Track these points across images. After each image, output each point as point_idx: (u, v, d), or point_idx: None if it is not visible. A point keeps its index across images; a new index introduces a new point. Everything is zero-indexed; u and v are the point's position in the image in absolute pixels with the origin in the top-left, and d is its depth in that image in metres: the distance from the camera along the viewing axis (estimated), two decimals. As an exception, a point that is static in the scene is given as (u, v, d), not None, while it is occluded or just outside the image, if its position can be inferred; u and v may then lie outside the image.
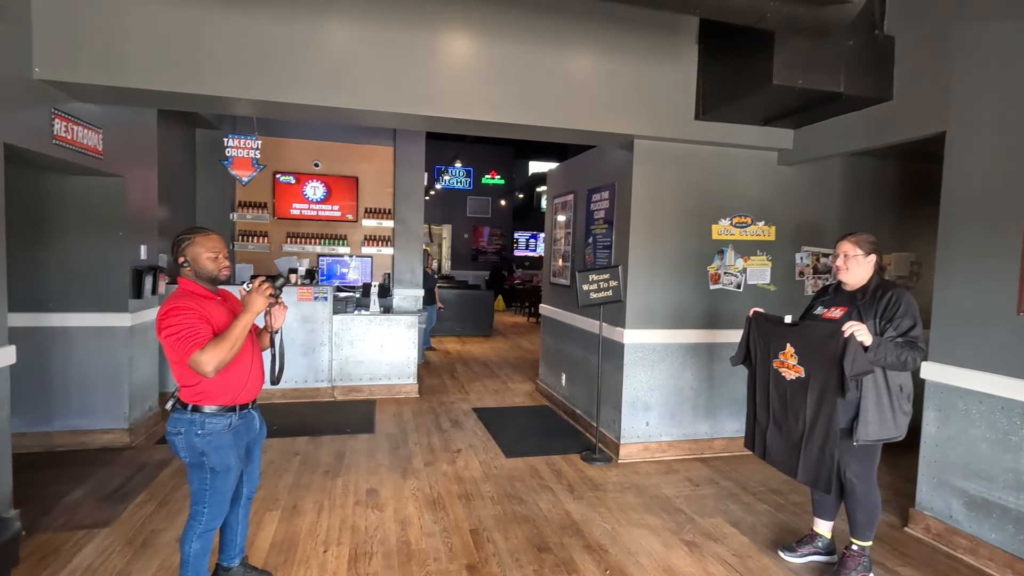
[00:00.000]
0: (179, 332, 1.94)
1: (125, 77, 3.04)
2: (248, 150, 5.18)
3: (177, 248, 2.10)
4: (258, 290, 2.05)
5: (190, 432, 2.05)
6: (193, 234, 2.12)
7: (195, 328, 1.95)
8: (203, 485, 2.10)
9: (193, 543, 2.12)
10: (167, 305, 2.00)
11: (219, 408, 2.09)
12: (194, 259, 2.08)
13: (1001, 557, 2.71)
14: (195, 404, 2.06)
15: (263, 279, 2.08)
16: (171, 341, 1.94)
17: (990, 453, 2.78)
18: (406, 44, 3.37)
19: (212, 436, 2.07)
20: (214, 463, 2.08)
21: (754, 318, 2.82)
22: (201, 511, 2.12)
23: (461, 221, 16.03)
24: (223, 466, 2.10)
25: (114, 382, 3.99)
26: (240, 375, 2.13)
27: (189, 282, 2.11)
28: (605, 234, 4.46)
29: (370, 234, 7.26)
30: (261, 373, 2.26)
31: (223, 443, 2.09)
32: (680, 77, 3.84)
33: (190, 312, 1.98)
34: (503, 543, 2.88)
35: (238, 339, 1.96)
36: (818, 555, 2.78)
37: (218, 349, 1.92)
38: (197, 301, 2.03)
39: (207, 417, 2.07)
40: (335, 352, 5.49)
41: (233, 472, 2.15)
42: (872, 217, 4.42)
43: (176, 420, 2.07)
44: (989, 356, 2.78)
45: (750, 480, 3.81)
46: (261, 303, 2.05)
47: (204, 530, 2.13)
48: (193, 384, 2.05)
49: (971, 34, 2.88)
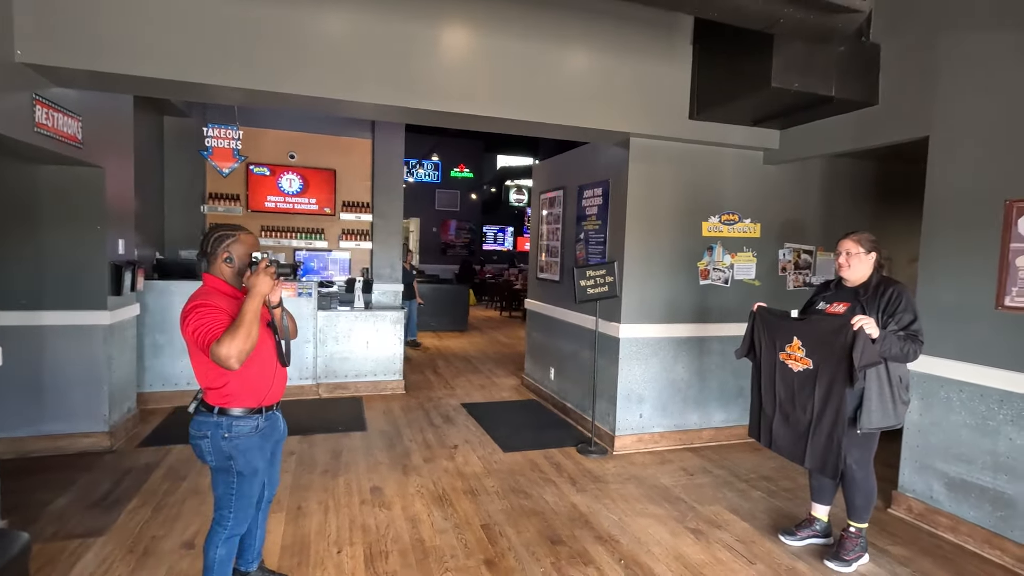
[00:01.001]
0: (201, 327, 1.87)
1: (111, 62, 2.88)
2: (229, 140, 4.99)
3: (219, 244, 2.02)
4: (264, 271, 1.95)
5: (216, 435, 1.99)
6: (237, 231, 2.06)
7: (216, 322, 1.88)
8: (229, 489, 2.05)
9: (219, 549, 2.06)
10: (194, 301, 1.93)
11: (246, 410, 2.03)
12: (240, 257, 2.02)
13: (979, 534, 2.92)
14: (221, 407, 2.00)
15: (268, 260, 2.00)
16: (195, 336, 1.88)
17: (969, 438, 2.99)
18: (404, 36, 3.31)
19: (240, 439, 2.01)
20: (241, 466, 2.03)
21: (758, 312, 2.93)
22: (227, 516, 2.06)
23: (429, 215, 15.88)
24: (250, 469, 2.05)
25: (93, 383, 3.79)
26: (266, 376, 2.07)
27: (218, 280, 2.03)
28: (598, 230, 4.52)
29: (348, 228, 7.10)
30: (285, 373, 2.20)
31: (251, 446, 2.04)
32: (675, 76, 3.92)
33: (219, 312, 1.91)
34: (516, 537, 2.91)
35: (252, 325, 1.87)
36: (816, 538, 2.93)
37: (234, 338, 1.82)
38: (226, 301, 1.97)
39: (234, 420, 2.01)
40: (320, 349, 5.38)
41: (260, 475, 2.11)
42: (850, 214, 4.64)
43: (201, 423, 2.00)
44: (970, 347, 2.97)
45: (740, 468, 3.96)
46: (267, 284, 1.94)
47: (229, 535, 2.07)
48: (220, 386, 1.98)
49: (954, 44, 3.06)
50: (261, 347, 2.00)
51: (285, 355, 2.16)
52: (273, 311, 2.11)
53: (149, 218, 5.45)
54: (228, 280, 2.03)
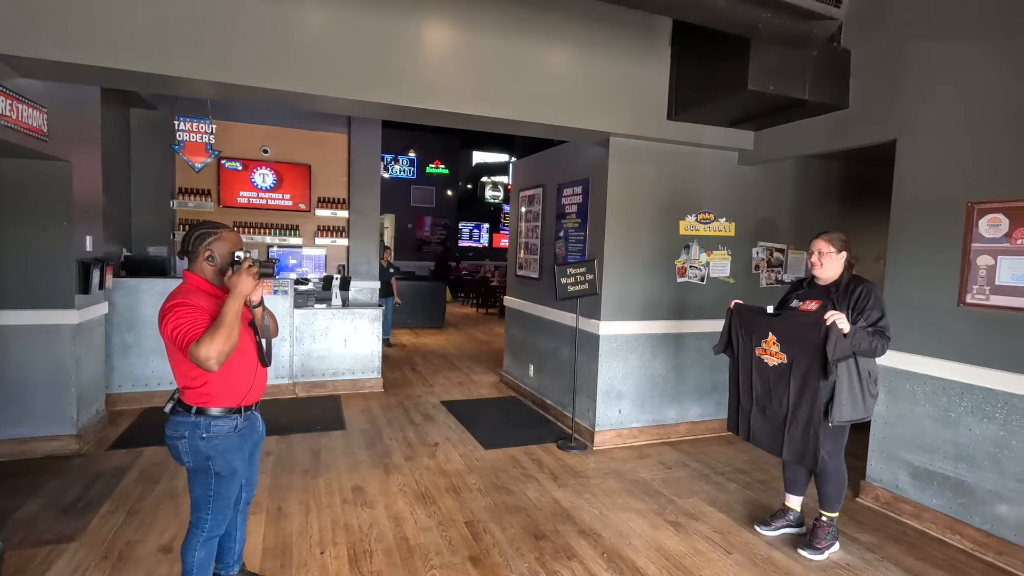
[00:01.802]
0: (181, 326, 1.82)
1: (79, 53, 2.77)
2: (202, 134, 4.86)
3: (201, 241, 1.98)
4: (247, 271, 1.91)
5: (194, 436, 1.95)
6: (220, 229, 2.02)
7: (196, 322, 1.84)
8: (207, 491, 2.01)
9: (196, 552, 2.02)
10: (173, 300, 1.88)
11: (225, 410, 1.99)
12: (222, 256, 1.98)
13: (941, 520, 3.07)
14: (199, 407, 1.96)
15: (251, 260, 1.96)
16: (173, 335, 1.83)
17: (932, 428, 3.13)
18: (384, 31, 3.28)
19: (218, 440, 1.97)
20: (220, 467, 1.99)
21: (736, 309, 3.01)
22: (204, 518, 2.02)
23: (404, 211, 15.74)
24: (229, 470, 2.01)
25: (60, 385, 3.66)
26: (246, 376, 2.04)
27: (200, 279, 1.99)
28: (578, 228, 4.56)
29: (324, 224, 7.00)
30: (266, 373, 2.17)
31: (229, 446, 2.00)
32: (655, 77, 3.98)
33: (199, 311, 1.87)
34: (500, 533, 2.93)
35: (232, 326, 1.83)
36: (790, 527, 3.03)
37: (214, 339, 1.78)
38: (206, 299, 1.93)
39: (212, 420, 1.96)
40: (296, 347, 5.30)
41: (238, 476, 2.07)
42: (819, 214, 4.79)
43: (178, 423, 1.96)
44: (933, 342, 3.11)
45: (716, 461, 4.07)
46: (249, 284, 1.90)
47: (208, 537, 2.04)
48: (198, 386, 1.94)
49: (920, 51, 3.19)
50: (241, 347, 1.96)
51: (266, 354, 2.12)
52: (254, 310, 2.08)
53: (117, 214, 5.28)
54: (209, 278, 2.00)
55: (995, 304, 2.84)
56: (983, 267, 2.89)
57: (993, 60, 2.86)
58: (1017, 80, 2.77)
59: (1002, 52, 2.83)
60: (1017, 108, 2.77)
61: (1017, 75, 2.77)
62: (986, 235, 2.88)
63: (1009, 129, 2.80)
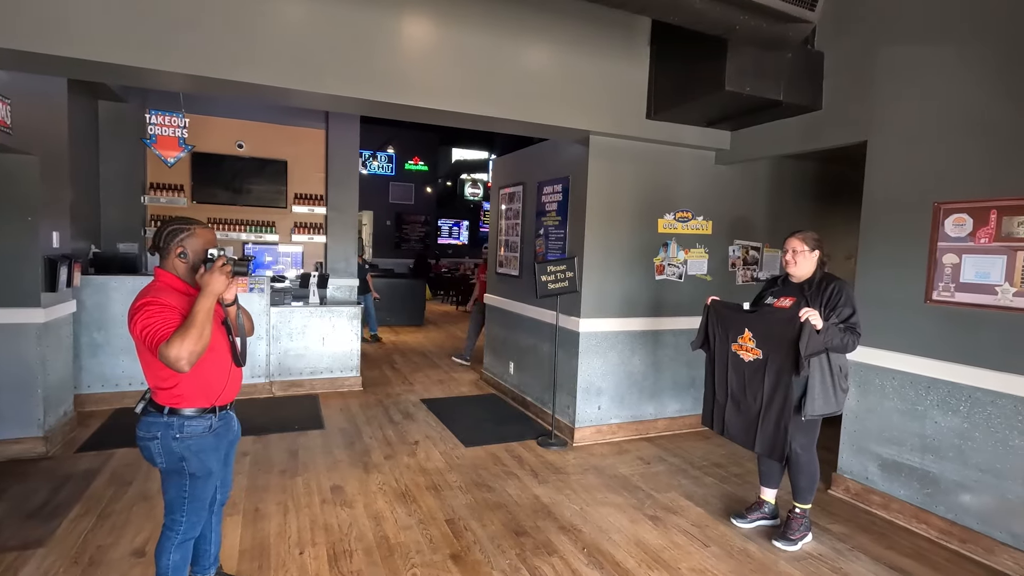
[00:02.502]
0: (150, 326, 1.77)
1: (42, 42, 2.67)
2: (174, 128, 4.74)
3: (173, 238, 1.92)
4: (220, 269, 1.85)
5: (167, 436, 1.90)
6: (193, 225, 1.96)
7: (167, 321, 1.78)
8: (181, 492, 1.96)
9: (171, 555, 1.98)
10: (143, 298, 1.82)
11: (198, 410, 1.95)
12: (195, 253, 1.93)
13: (908, 510, 3.17)
14: (172, 407, 1.91)
15: (225, 257, 1.90)
16: (143, 335, 1.77)
17: (900, 421, 3.23)
18: (363, 25, 3.23)
19: (192, 440, 1.93)
20: (194, 468, 1.95)
21: (712, 306, 3.06)
22: (178, 520, 1.98)
23: (383, 208, 15.60)
24: (204, 471, 1.97)
25: (26, 386, 3.55)
26: (220, 376, 2.00)
27: (172, 276, 1.94)
28: (558, 226, 4.58)
29: (301, 221, 6.90)
30: (241, 373, 2.13)
31: (204, 446, 1.96)
32: (634, 76, 4.01)
33: (169, 310, 1.81)
34: (481, 530, 2.93)
35: (204, 325, 1.78)
36: (765, 520, 3.10)
37: (185, 339, 1.73)
38: (177, 298, 1.88)
39: (186, 420, 1.92)
40: (273, 346, 5.22)
41: (214, 477, 2.03)
42: (793, 213, 4.89)
43: (150, 424, 1.91)
44: (901, 338, 3.21)
45: (693, 456, 4.13)
46: (221, 283, 1.85)
47: (182, 540, 1.99)
48: (170, 386, 1.89)
49: (890, 55, 3.28)
50: (214, 346, 1.92)
51: (240, 354, 2.07)
52: (227, 309, 2.03)
53: (85, 209, 5.13)
54: (181, 276, 1.94)
55: (959, 301, 2.94)
56: (948, 265, 2.99)
57: (958, 65, 2.96)
58: (980, 85, 2.87)
59: (967, 58, 2.92)
60: (981, 111, 2.87)
61: (981, 80, 2.87)
62: (951, 234, 2.98)
63: (973, 132, 2.90)
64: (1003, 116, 2.78)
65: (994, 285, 2.80)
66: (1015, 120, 2.74)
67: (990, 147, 2.83)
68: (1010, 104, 2.75)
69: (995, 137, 2.81)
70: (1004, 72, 2.78)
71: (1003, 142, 2.78)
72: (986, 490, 2.84)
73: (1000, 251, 2.78)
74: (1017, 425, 2.73)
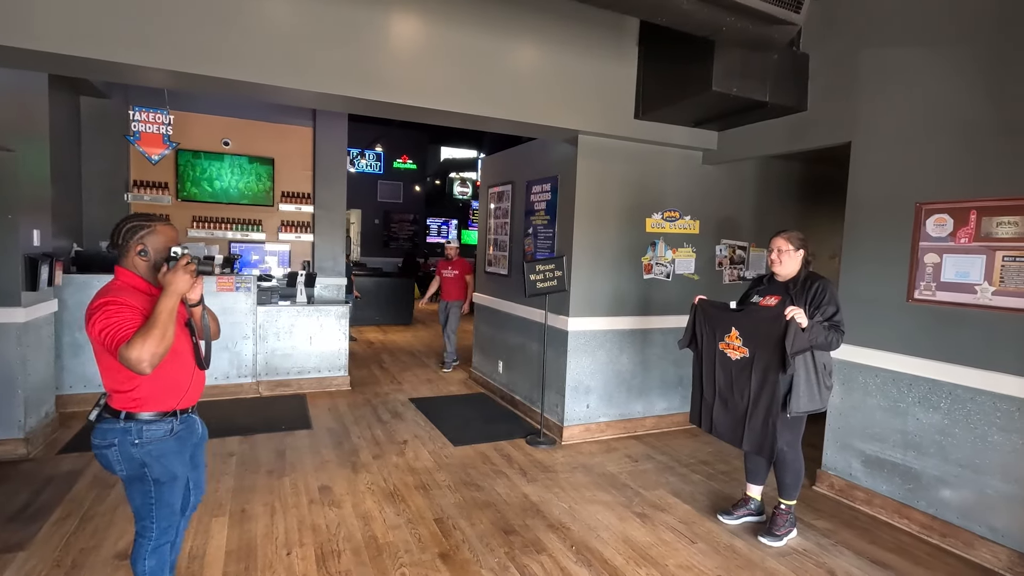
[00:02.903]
0: (110, 326, 1.68)
1: (18, 36, 2.62)
2: (159, 125, 4.68)
3: (132, 235, 1.84)
4: (183, 268, 1.78)
5: (125, 443, 1.81)
6: (153, 222, 1.88)
7: (127, 321, 1.70)
8: (147, 499, 1.88)
9: (146, 561, 1.90)
10: (102, 298, 1.74)
11: (157, 414, 1.86)
12: (157, 251, 1.85)
13: (891, 505, 3.22)
14: (129, 411, 1.82)
15: (188, 256, 1.82)
16: (102, 336, 1.68)
17: (883, 418, 3.28)
18: (351, 22, 3.22)
19: (152, 444, 1.84)
20: (158, 474, 1.86)
21: (699, 305, 3.08)
22: (148, 527, 1.90)
23: (371, 206, 15.52)
24: (168, 476, 1.89)
25: (5, 386, 3.48)
26: (182, 379, 1.91)
27: (133, 275, 1.84)
28: (546, 225, 4.59)
29: (288, 220, 6.85)
30: (204, 375, 2.04)
31: (166, 450, 1.87)
32: (622, 76, 4.03)
33: (129, 310, 1.73)
34: (470, 529, 2.93)
35: (167, 326, 1.70)
36: (751, 516, 3.14)
37: (147, 340, 1.64)
38: (138, 297, 1.78)
39: (144, 424, 1.83)
40: (260, 345, 5.17)
41: (180, 481, 1.94)
42: (779, 213, 4.95)
43: (106, 431, 1.81)
44: (884, 336, 3.26)
45: (681, 453, 4.17)
46: (185, 282, 1.77)
47: (156, 545, 1.92)
48: (128, 390, 1.80)
49: (873, 57, 3.33)
50: (177, 348, 1.85)
51: (205, 357, 2.00)
52: (192, 309, 1.96)
53: (66, 207, 5.04)
54: (142, 275, 1.85)
55: (940, 300, 2.99)
56: (930, 264, 3.04)
57: (940, 68, 3.01)
58: (962, 87, 2.92)
59: (948, 60, 2.97)
60: (961, 113, 2.92)
61: (962, 82, 2.92)
62: (933, 234, 3.03)
63: (954, 133, 2.95)
64: (983, 118, 2.83)
65: (974, 284, 2.85)
66: (994, 122, 2.79)
67: (970, 149, 2.89)
68: (990, 106, 2.81)
69: (975, 139, 2.87)
70: (985, 75, 2.83)
71: (983, 144, 2.84)
72: (966, 485, 2.90)
73: (980, 251, 2.84)
74: (996, 421, 2.78)
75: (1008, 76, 2.75)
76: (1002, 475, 2.76)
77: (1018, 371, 2.70)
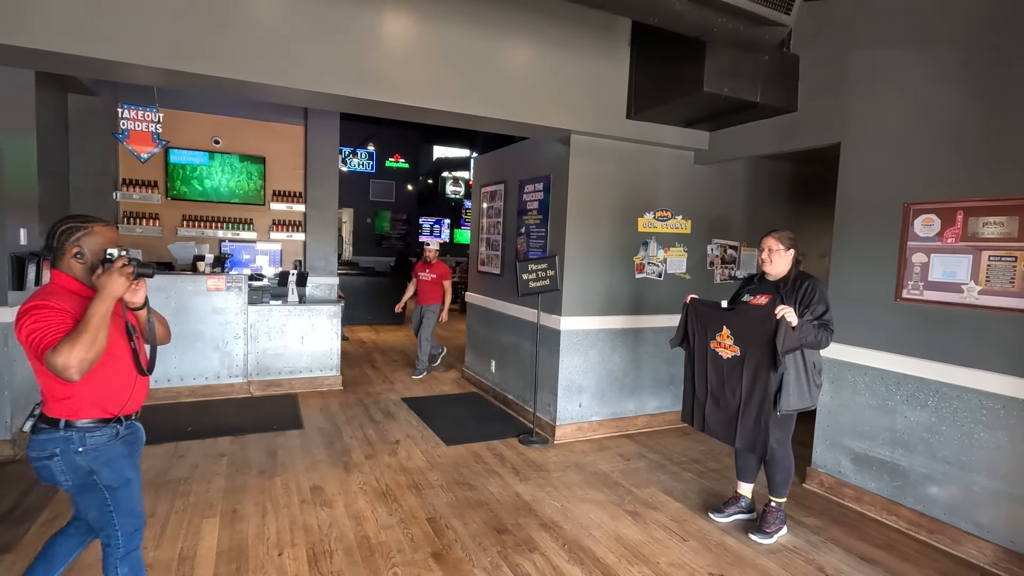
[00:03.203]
0: (37, 331, 1.61)
1: (10, 33, 2.59)
2: (148, 123, 4.64)
3: (67, 237, 1.75)
4: (119, 270, 1.68)
5: (68, 451, 1.72)
6: (90, 223, 1.79)
7: (55, 326, 1.61)
8: (104, 508, 1.79)
9: (119, 570, 1.85)
10: (33, 301, 1.65)
11: (97, 421, 1.77)
12: (94, 253, 1.76)
13: (879, 502, 3.26)
14: (68, 419, 1.72)
15: (126, 258, 1.72)
16: (29, 340, 1.61)
17: (872, 416, 3.31)
18: (343, 20, 3.21)
19: (99, 450, 1.76)
20: (109, 479, 1.78)
21: (691, 304, 3.10)
22: (113, 535, 1.82)
23: (364, 205, 15.46)
24: (120, 480, 1.81)
25: (-8, 387, 3.44)
26: (123, 386, 1.82)
27: (69, 278, 1.76)
28: (539, 224, 4.60)
29: (279, 219, 6.81)
30: (147, 382, 1.94)
31: (114, 454, 1.80)
32: (615, 76, 4.04)
33: (60, 313, 1.64)
34: (462, 528, 2.93)
35: (98, 331, 1.61)
36: (742, 514, 3.16)
37: (75, 345, 1.55)
38: (74, 301, 1.70)
39: (86, 432, 1.75)
40: (251, 345, 5.14)
41: (134, 483, 1.86)
42: (769, 213, 4.99)
43: (44, 442, 1.71)
44: (873, 335, 3.29)
45: (672, 452, 4.19)
46: (120, 286, 1.68)
47: (126, 552, 1.85)
48: (65, 396, 1.71)
49: (862, 59, 3.36)
50: (115, 353, 1.77)
51: (149, 363, 1.91)
52: (137, 313, 1.89)
53: (54, 206, 4.96)
54: (79, 278, 1.76)
55: (928, 299, 3.03)
56: (917, 264, 3.08)
57: (928, 69, 3.05)
58: (949, 89, 2.95)
59: (936, 62, 3.01)
60: (949, 115, 2.96)
61: (949, 84, 2.95)
62: (920, 234, 3.07)
63: (941, 134, 2.99)
64: (970, 119, 2.87)
65: (960, 284, 2.89)
66: (981, 123, 2.83)
67: (957, 150, 2.92)
68: (977, 108, 2.84)
69: (962, 140, 2.90)
70: (971, 76, 2.87)
71: (969, 145, 2.87)
72: (952, 482, 2.93)
73: (966, 251, 2.88)
74: (982, 419, 2.82)
75: (995, 78, 2.78)
76: (988, 472, 2.80)
77: (1003, 369, 2.73)
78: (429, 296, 6.23)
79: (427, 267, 6.30)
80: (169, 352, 4.79)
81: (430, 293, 6.23)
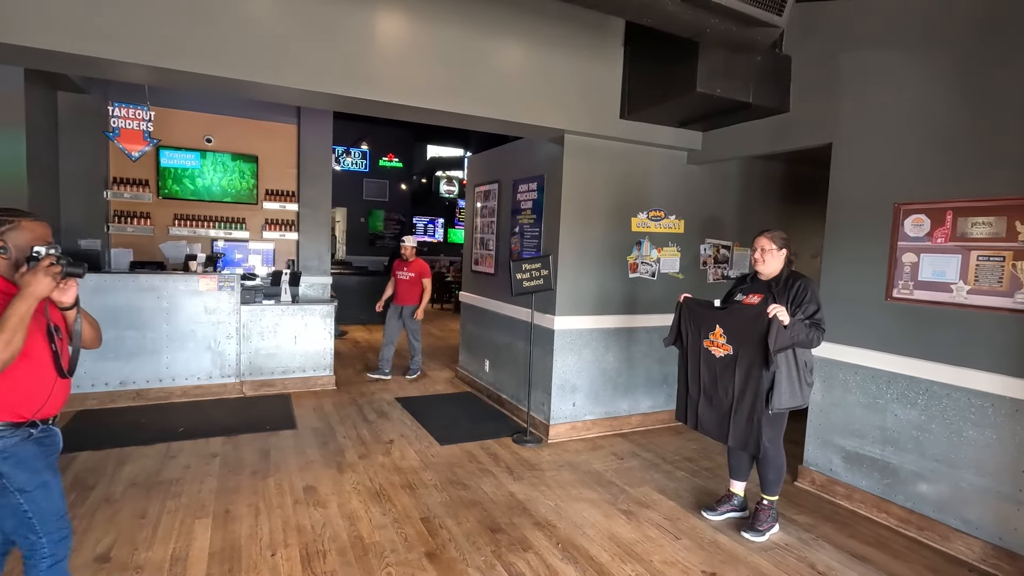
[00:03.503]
0: None
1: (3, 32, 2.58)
2: (139, 121, 4.60)
3: None
4: (45, 269, 1.62)
5: None
6: (18, 217, 1.72)
7: None
8: (21, 515, 1.70)
9: None
10: None
11: (8, 425, 1.70)
12: (20, 249, 1.69)
13: (870, 499, 3.29)
14: None
15: (53, 257, 1.65)
16: None
17: (862, 415, 3.34)
18: (336, 19, 3.20)
19: (8, 452, 1.68)
20: (20, 482, 1.69)
21: (684, 303, 3.12)
22: (38, 543, 1.73)
23: (357, 204, 15.42)
24: (36, 483, 1.72)
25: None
26: (40, 388, 1.74)
27: None
28: (533, 224, 4.60)
29: (272, 218, 6.79)
30: (68, 384, 1.86)
31: (26, 455, 1.71)
32: (608, 76, 4.05)
33: None
34: (456, 528, 2.94)
35: (15, 330, 1.56)
36: (734, 512, 3.18)
37: None
38: None
39: None
40: (244, 345, 5.11)
41: (52, 486, 1.77)
42: (762, 213, 5.01)
43: None
44: (864, 334, 3.32)
45: (666, 451, 4.21)
46: (45, 285, 1.62)
47: (53, 562, 1.76)
48: None
49: (853, 60, 3.38)
50: (31, 353, 1.69)
51: (70, 364, 1.81)
52: (66, 313, 1.81)
53: (43, 204, 4.93)
54: (4, 274, 1.69)
55: (918, 298, 3.06)
56: (908, 264, 3.10)
57: (918, 71, 3.07)
58: (938, 90, 2.98)
59: (926, 64, 3.04)
60: (939, 116, 2.98)
61: (938, 85, 2.98)
62: (910, 234, 3.10)
63: (931, 135, 3.02)
64: (959, 121, 2.90)
65: (950, 283, 2.92)
66: (970, 125, 2.86)
67: (947, 150, 2.95)
68: (965, 109, 2.87)
69: (951, 141, 2.93)
70: (961, 78, 2.90)
71: (959, 146, 2.90)
72: (941, 479, 2.97)
73: (955, 251, 2.91)
74: (970, 417, 2.85)
75: (985, 79, 2.81)
76: (976, 469, 2.83)
77: (991, 368, 2.77)
78: (407, 296, 5.98)
79: (405, 265, 6.01)
80: (161, 352, 4.76)
81: (408, 292, 5.97)
